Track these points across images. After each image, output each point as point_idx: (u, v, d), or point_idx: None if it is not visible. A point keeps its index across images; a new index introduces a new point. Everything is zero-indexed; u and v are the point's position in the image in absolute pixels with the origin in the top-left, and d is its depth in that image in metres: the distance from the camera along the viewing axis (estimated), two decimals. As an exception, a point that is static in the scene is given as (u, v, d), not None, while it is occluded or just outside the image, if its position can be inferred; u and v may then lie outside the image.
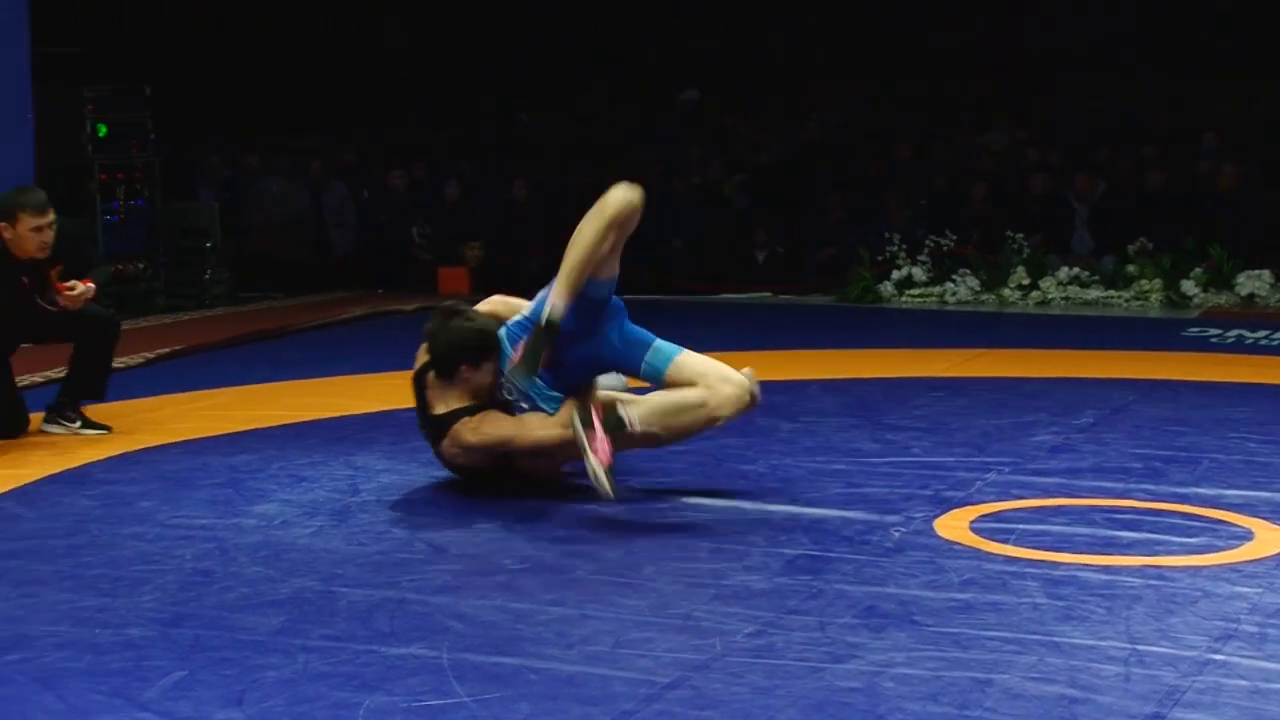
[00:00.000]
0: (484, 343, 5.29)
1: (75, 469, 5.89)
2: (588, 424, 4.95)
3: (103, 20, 12.93)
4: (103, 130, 10.85)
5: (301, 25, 14.86)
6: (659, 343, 5.39)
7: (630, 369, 5.39)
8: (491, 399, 5.33)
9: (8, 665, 3.72)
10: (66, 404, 6.61)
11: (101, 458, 6.07)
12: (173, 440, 6.38)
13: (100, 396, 6.74)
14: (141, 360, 8.52)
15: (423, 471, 5.78)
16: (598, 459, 4.91)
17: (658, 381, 5.33)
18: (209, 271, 11.45)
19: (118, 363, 8.22)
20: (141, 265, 11.06)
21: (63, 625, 4.02)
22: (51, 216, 6.47)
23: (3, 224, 6.42)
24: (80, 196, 10.77)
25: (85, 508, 5.30)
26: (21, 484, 5.63)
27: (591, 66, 15.10)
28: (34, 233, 6.39)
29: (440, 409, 5.33)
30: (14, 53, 9.67)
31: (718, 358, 7.68)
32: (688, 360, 5.35)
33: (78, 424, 6.57)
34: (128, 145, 11.02)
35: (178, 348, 8.96)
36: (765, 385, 7.45)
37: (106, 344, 6.72)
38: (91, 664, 3.74)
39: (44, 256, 6.45)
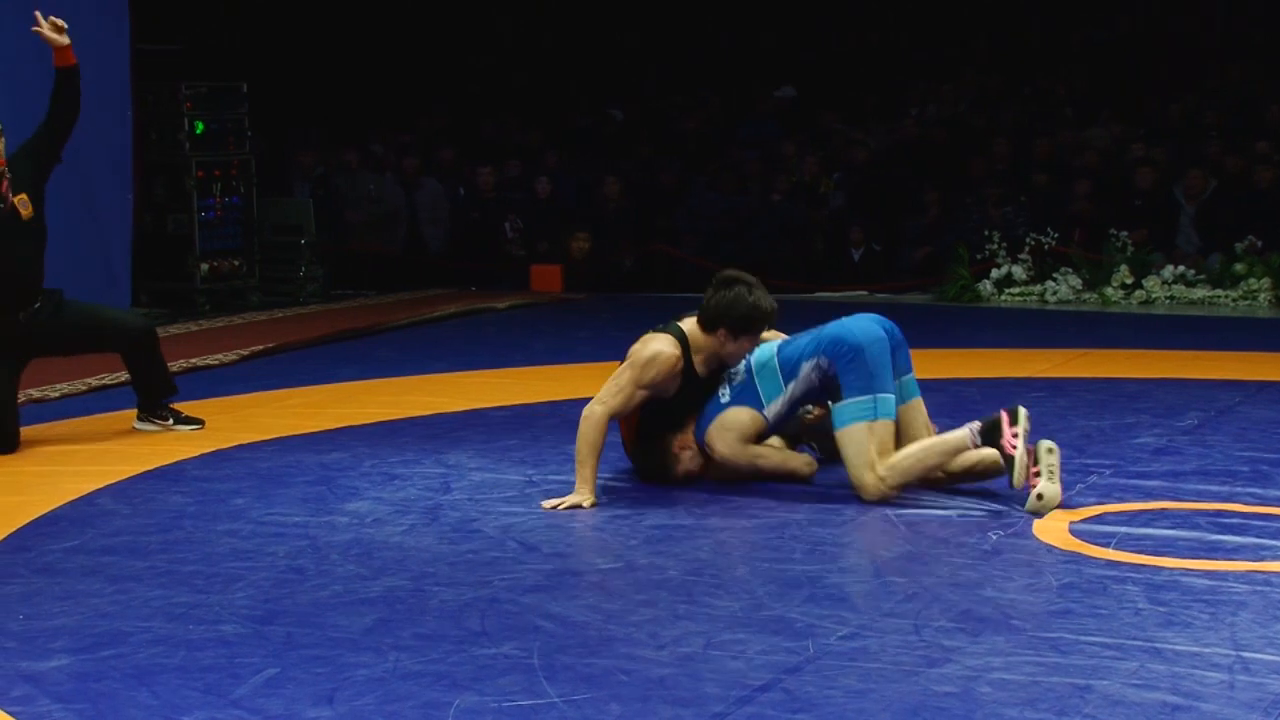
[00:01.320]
0: (754, 316, 5.39)
1: (170, 466, 5.98)
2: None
3: (200, 18, 13.15)
4: (200, 127, 11.02)
5: (395, 22, 15.01)
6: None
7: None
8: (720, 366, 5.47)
9: (102, 661, 3.79)
10: (152, 404, 6.67)
11: (195, 455, 6.16)
12: (266, 438, 6.46)
13: (172, 390, 6.76)
14: (235, 358, 8.64)
15: (515, 470, 5.81)
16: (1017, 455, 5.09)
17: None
18: (303, 268, 11.59)
19: (212, 360, 8.39)
20: (237, 263, 11.22)
21: (156, 621, 4.08)
22: None
23: None
24: (178, 193, 10.95)
25: (180, 504, 5.38)
26: (117, 480, 5.73)
27: (687, 64, 15.11)
28: None
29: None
30: (114, 50, 9.86)
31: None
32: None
33: (170, 420, 6.66)
34: (225, 142, 11.19)
35: (271, 345, 9.08)
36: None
37: (148, 354, 6.63)
38: (185, 660, 3.80)
39: None
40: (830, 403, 5.38)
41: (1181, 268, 10.93)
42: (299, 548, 4.79)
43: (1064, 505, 5.12)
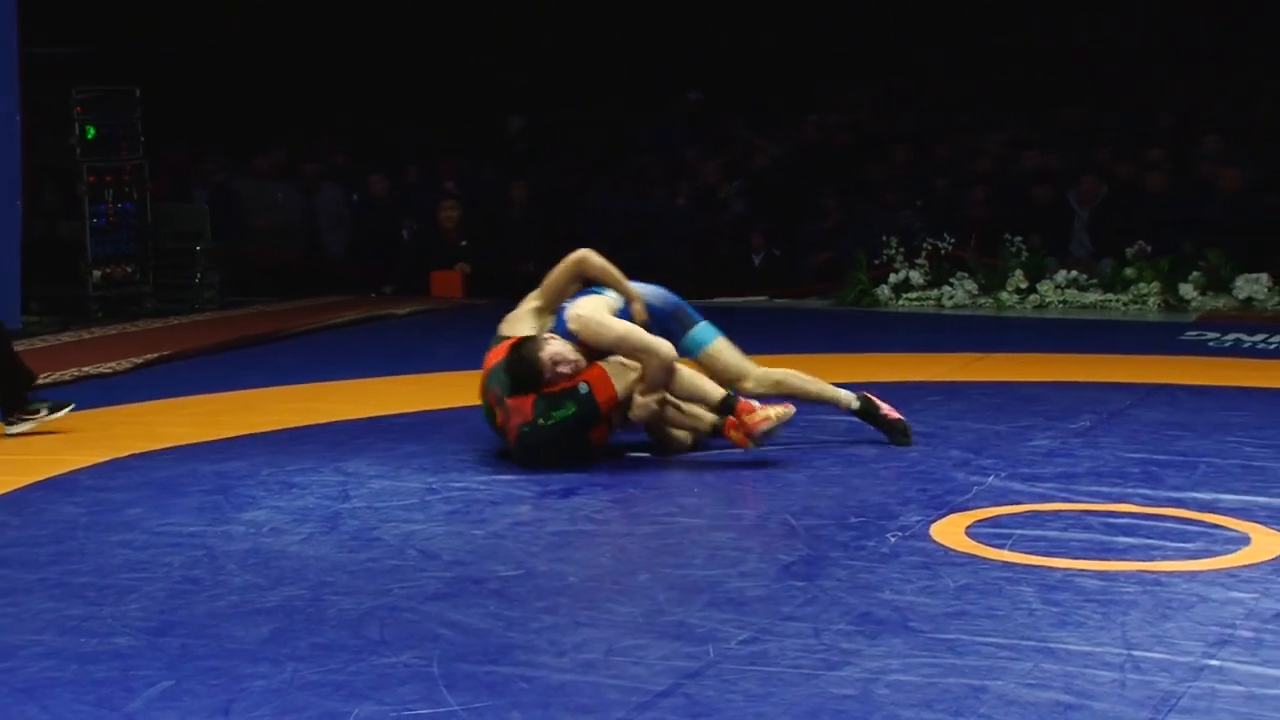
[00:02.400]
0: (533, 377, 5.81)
1: (62, 476, 5.88)
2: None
3: (93, 22, 12.94)
4: (91, 132, 10.84)
5: (293, 26, 14.88)
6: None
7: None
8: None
9: (-7, 674, 3.72)
10: (15, 404, 6.56)
11: (89, 464, 6.06)
12: (162, 446, 6.37)
13: (32, 377, 6.68)
14: (130, 365, 8.51)
15: (415, 478, 5.78)
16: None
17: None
18: (199, 275, 11.44)
19: (105, 368, 8.26)
20: (130, 269, 11.04)
21: (47, 634, 4.01)
22: None
23: None
24: (69, 199, 10.76)
25: (72, 515, 5.29)
26: (7, 491, 5.62)
27: (591, 68, 15.12)
28: None
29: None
30: (3, 53, 9.66)
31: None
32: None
33: (43, 411, 6.57)
34: (117, 147, 11.01)
35: (167, 352, 8.95)
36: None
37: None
38: (77, 674, 3.74)
39: None
40: (684, 330, 6.13)
41: (1074, 272, 11.12)
42: (195, 558, 4.73)
43: (960, 508, 5.20)
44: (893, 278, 11.37)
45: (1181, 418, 6.65)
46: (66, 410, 6.58)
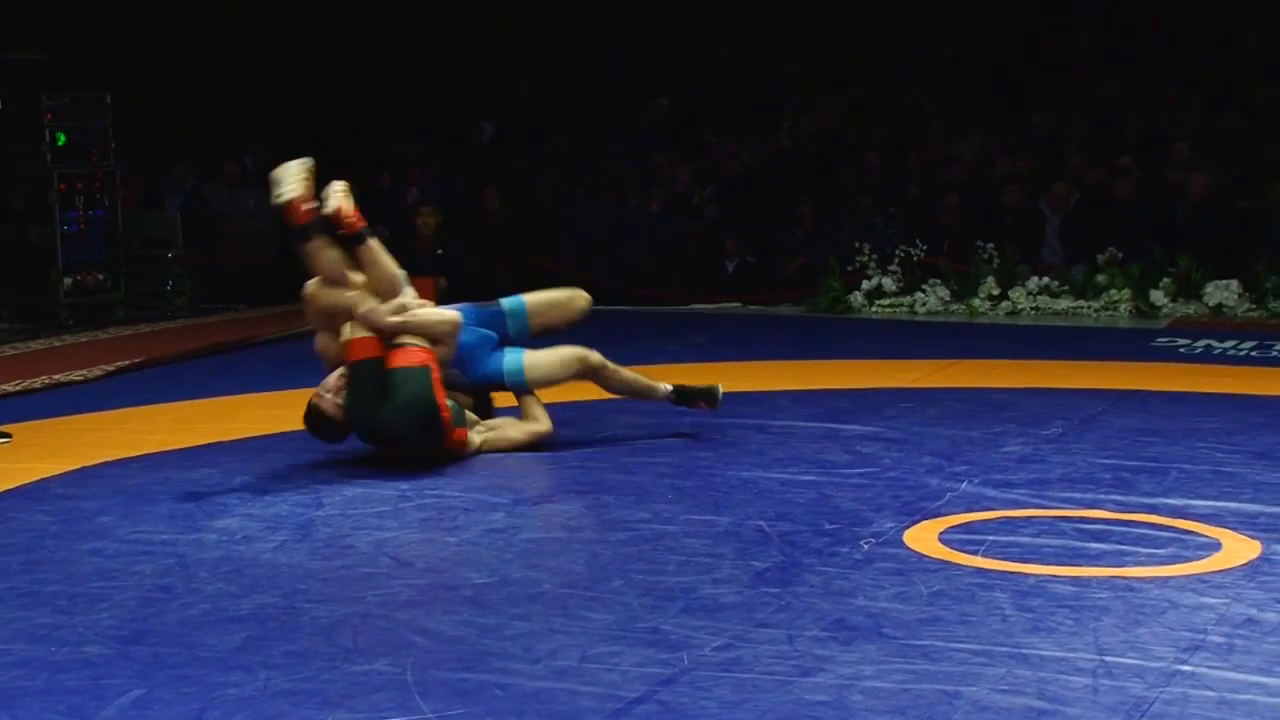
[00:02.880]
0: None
1: (32, 484, 5.85)
2: None
3: (63, 28, 12.88)
4: (62, 139, 10.79)
5: (264, 33, 14.84)
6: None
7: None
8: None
9: (-37, 684, 3.70)
10: None
11: (59, 472, 6.03)
12: (133, 454, 6.34)
13: None
14: (101, 373, 8.47)
15: (388, 485, 5.77)
16: None
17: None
18: (170, 282, 11.39)
19: (76, 375, 8.21)
20: (101, 276, 10.99)
21: (18, 643, 3.99)
22: None
23: None
24: (40, 205, 10.71)
25: (42, 523, 5.26)
26: (-22, 499, 5.59)
27: (563, 75, 15.12)
28: None
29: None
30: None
31: (688, 370, 7.81)
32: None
33: None
34: (88, 154, 10.96)
35: (138, 360, 8.91)
36: (735, 396, 7.56)
37: None
38: (48, 683, 3.71)
39: None
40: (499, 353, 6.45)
41: (1046, 279, 11.17)
42: (167, 566, 4.71)
43: (933, 514, 5.21)
44: (865, 284, 11.40)
45: (1153, 424, 6.69)
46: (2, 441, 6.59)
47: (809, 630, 4.05)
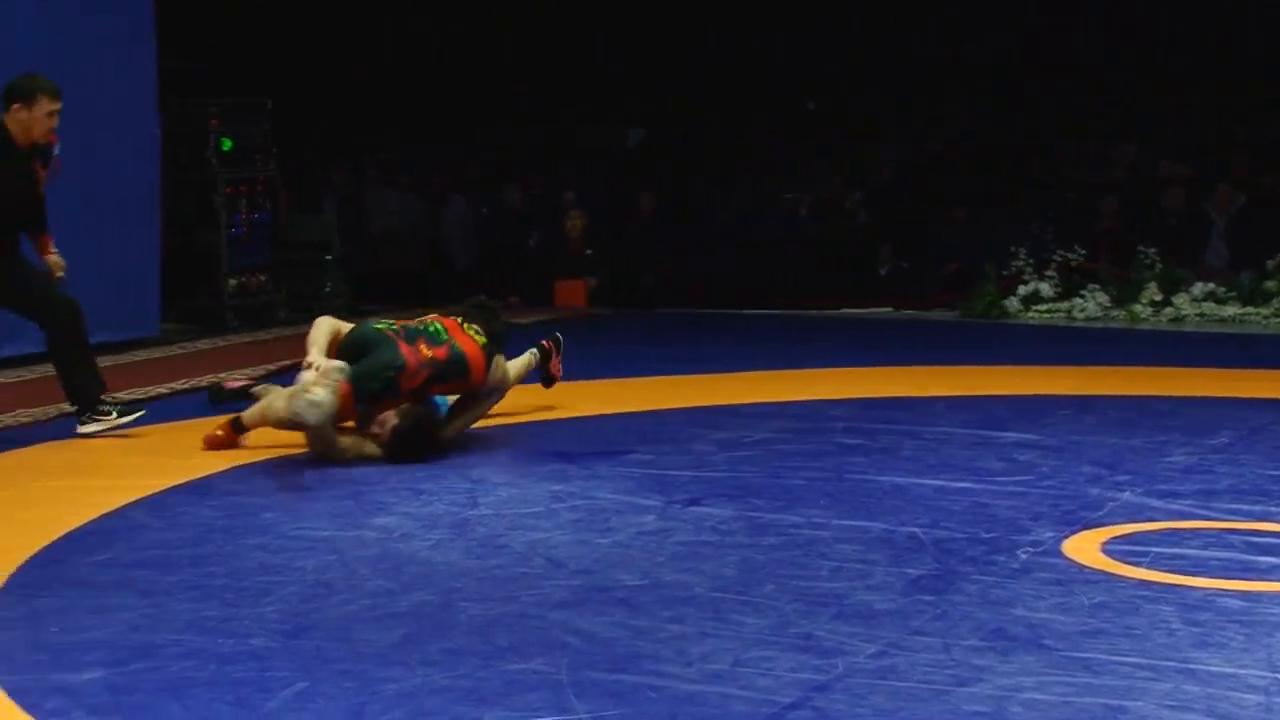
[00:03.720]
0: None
1: (199, 479, 6.01)
2: None
3: (227, 36, 13.21)
4: (227, 144, 11.06)
5: (420, 40, 15.06)
6: None
7: None
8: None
9: (134, 674, 3.81)
10: (88, 404, 6.77)
11: (225, 469, 6.18)
12: (294, 451, 6.48)
13: (104, 384, 6.92)
14: (264, 372, 8.66)
15: (540, 486, 5.82)
16: None
17: None
18: (328, 284, 11.62)
19: (240, 376, 8.39)
20: (263, 278, 11.25)
21: (187, 634, 4.10)
22: (61, 105, 6.67)
23: (17, 104, 6.62)
24: (206, 210, 11.00)
25: (209, 518, 5.40)
26: (147, 494, 5.76)
27: (710, 80, 15.12)
28: (48, 117, 6.63)
29: None
30: (142, 67, 9.91)
31: (833, 374, 7.76)
32: None
33: (114, 414, 6.79)
34: (251, 159, 11.22)
35: (298, 360, 9.07)
36: (888, 401, 7.49)
37: (80, 339, 6.82)
38: (215, 674, 3.81)
39: (46, 144, 6.68)
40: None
41: (1211, 285, 10.88)
42: (327, 562, 4.81)
43: (1094, 524, 5.11)
44: (1022, 289, 11.22)
45: (1325, 435, 6.48)
46: (136, 415, 6.84)
47: (966, 639, 3.99)
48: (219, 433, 6.55)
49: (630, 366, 8.91)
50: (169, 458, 6.42)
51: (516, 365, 7.02)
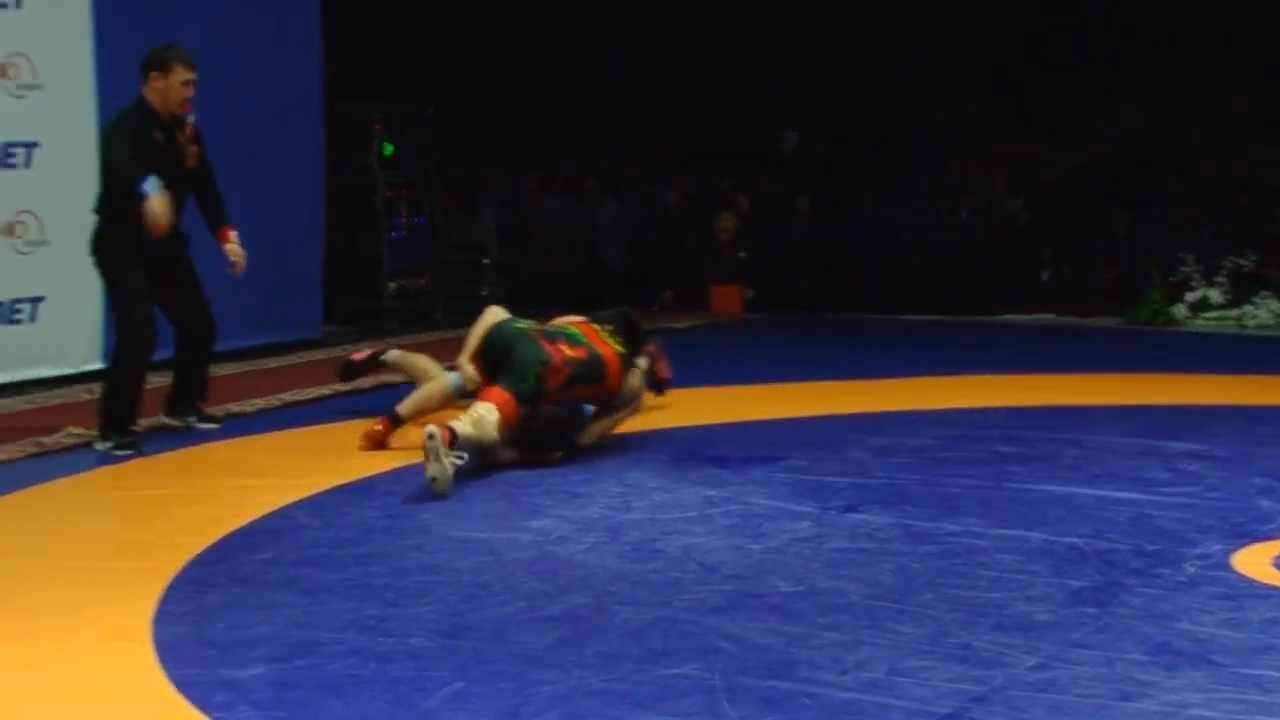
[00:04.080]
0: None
1: (360, 480, 6.14)
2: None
3: (389, 40, 13.46)
4: (389, 149, 11.27)
5: (581, 47, 15.19)
6: None
7: None
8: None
9: (296, 670, 3.91)
10: (179, 402, 7.17)
11: (385, 470, 6.31)
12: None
13: (205, 396, 7.29)
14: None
15: (695, 491, 5.84)
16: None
17: None
18: (485, 288, 11.77)
19: (400, 378, 8.54)
20: (423, 281, 11.44)
21: (349, 633, 4.20)
22: (195, 74, 6.83)
23: (155, 73, 6.78)
24: (367, 213, 11.22)
25: (370, 518, 5.52)
26: (310, 494, 5.90)
27: (867, 77, 15.01)
28: (183, 85, 6.78)
29: None
30: (307, 71, 10.13)
31: (992, 381, 7.64)
32: None
33: (192, 418, 7.14)
34: (411, 163, 11.42)
35: (454, 363, 9.20)
36: (1049, 410, 7.37)
37: (205, 351, 7.16)
38: (375, 672, 3.89)
39: (182, 114, 6.83)
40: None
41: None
42: (484, 563, 4.88)
43: (1265, 538, 4.97)
44: (1189, 296, 10.96)
45: None
46: (212, 426, 7.16)
47: (1129, 653, 3.92)
48: (377, 428, 6.68)
49: (785, 371, 8.89)
50: (330, 458, 6.57)
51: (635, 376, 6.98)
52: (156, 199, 6.51)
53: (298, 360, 9.41)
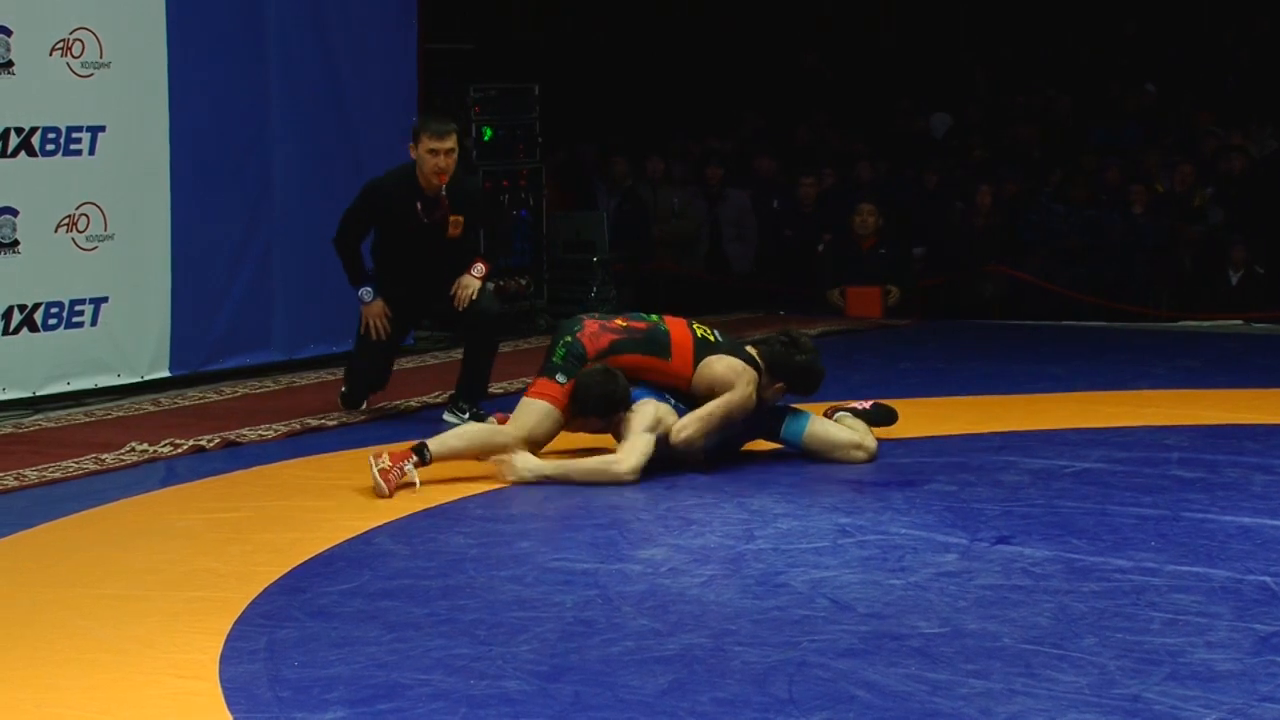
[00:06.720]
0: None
1: (451, 503, 6.20)
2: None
3: (492, 16, 13.57)
4: (488, 134, 11.34)
5: (703, 18, 15.23)
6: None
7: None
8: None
9: (379, 715, 3.95)
10: (459, 398, 7.75)
11: (478, 492, 6.36)
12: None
13: (484, 396, 7.81)
14: (521, 385, 8.85)
15: (825, 517, 5.82)
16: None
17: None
18: (595, 289, 11.74)
19: (495, 389, 8.64)
20: (524, 281, 11.47)
21: (436, 674, 4.24)
22: (450, 144, 7.49)
23: (411, 143, 7.57)
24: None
25: (461, 546, 5.57)
26: (396, 518, 5.97)
27: (1030, 60, 14.89)
28: (429, 155, 7.43)
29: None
30: (403, 49, 10.25)
31: (1169, 397, 7.55)
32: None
33: (466, 415, 7.58)
34: (514, 149, 11.47)
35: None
36: (1234, 430, 7.26)
37: (491, 348, 7.82)
38: (466, 718, 3.93)
39: (438, 184, 7.51)
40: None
41: None
42: (588, 598, 4.91)
43: None
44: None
45: None
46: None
47: (1326, 710, 3.84)
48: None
49: (929, 383, 8.84)
50: (419, 478, 6.62)
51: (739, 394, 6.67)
52: (372, 310, 7.63)
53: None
